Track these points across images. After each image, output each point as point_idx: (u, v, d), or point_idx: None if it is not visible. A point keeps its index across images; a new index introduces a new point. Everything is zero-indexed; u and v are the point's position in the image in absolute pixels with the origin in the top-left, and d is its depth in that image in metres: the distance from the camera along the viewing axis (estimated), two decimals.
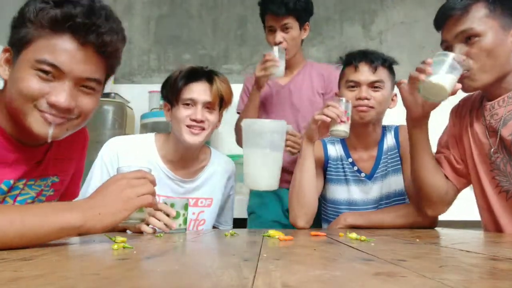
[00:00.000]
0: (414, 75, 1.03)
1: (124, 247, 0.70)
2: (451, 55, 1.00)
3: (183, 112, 1.28)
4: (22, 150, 0.91)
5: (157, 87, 1.74)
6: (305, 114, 1.70)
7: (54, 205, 0.76)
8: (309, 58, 2.87)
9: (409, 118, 1.16)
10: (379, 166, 1.43)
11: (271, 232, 0.95)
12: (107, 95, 2.41)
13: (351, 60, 1.40)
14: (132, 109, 2.52)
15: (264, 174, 1.34)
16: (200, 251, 0.74)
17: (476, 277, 0.41)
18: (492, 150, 1.09)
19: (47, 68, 0.80)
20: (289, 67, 1.72)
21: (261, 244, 0.77)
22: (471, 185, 1.20)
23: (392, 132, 1.47)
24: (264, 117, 1.74)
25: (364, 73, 1.36)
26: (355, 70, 1.37)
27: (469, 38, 1.03)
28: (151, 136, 1.38)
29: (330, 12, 2.91)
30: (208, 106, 1.30)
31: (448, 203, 1.22)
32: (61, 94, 0.81)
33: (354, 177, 1.45)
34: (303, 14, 1.68)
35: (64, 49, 0.80)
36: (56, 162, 1.00)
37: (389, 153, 1.44)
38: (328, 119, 1.23)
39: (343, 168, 1.46)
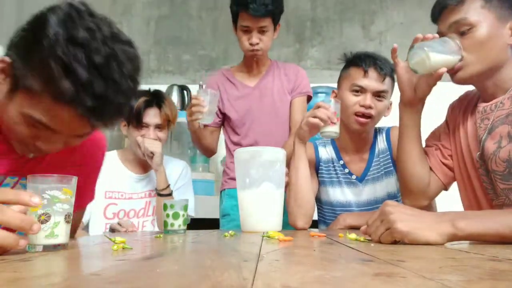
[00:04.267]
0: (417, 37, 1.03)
1: (123, 248, 0.70)
2: (453, 39, 1.01)
3: (138, 133, 1.58)
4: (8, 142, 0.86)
5: (157, 87, 1.74)
6: (280, 114, 1.70)
7: None
8: (309, 58, 2.88)
9: (401, 100, 1.12)
10: (371, 169, 1.43)
11: (271, 232, 0.95)
12: None
13: (360, 62, 1.35)
14: None
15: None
16: (200, 252, 0.74)
17: (475, 277, 0.41)
18: (478, 154, 1.06)
19: (39, 125, 0.75)
20: (257, 67, 1.74)
21: (261, 244, 0.77)
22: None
23: (384, 135, 1.46)
24: (234, 120, 1.71)
25: (373, 80, 1.33)
26: (364, 75, 1.33)
27: (463, 29, 1.01)
28: (114, 153, 1.70)
29: (329, 13, 2.91)
30: (159, 126, 1.60)
31: (429, 197, 1.18)
32: (49, 145, 0.80)
33: (346, 179, 1.45)
34: (279, 16, 1.66)
35: (62, 118, 0.74)
36: (57, 163, 0.96)
37: (381, 156, 1.44)
38: (322, 123, 1.22)
39: (335, 170, 1.46)
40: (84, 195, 1.12)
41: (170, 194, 1.60)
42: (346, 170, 1.45)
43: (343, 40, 2.88)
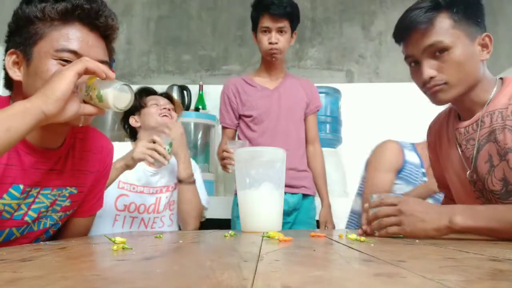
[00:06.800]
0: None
1: (123, 248, 0.70)
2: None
3: (154, 108, 1.62)
4: (38, 153, 0.91)
5: (157, 88, 1.74)
6: (297, 117, 1.83)
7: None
8: (309, 58, 2.88)
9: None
10: None
11: (271, 232, 0.95)
12: None
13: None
14: None
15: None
16: (200, 252, 0.74)
17: (475, 278, 0.41)
18: (468, 173, 1.05)
19: (67, 55, 0.85)
20: (275, 72, 1.86)
21: (261, 244, 0.77)
22: None
23: (412, 150, 1.72)
24: (253, 118, 1.80)
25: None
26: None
27: (437, 51, 0.99)
28: (128, 144, 1.68)
29: (329, 13, 2.91)
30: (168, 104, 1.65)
31: None
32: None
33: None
34: (296, 21, 1.79)
35: (77, 36, 0.87)
36: (75, 174, 1.01)
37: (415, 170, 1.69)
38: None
39: (417, 174, 1.69)
40: (94, 202, 1.13)
41: (193, 182, 1.58)
42: (425, 179, 1.67)
43: (343, 40, 2.88)
